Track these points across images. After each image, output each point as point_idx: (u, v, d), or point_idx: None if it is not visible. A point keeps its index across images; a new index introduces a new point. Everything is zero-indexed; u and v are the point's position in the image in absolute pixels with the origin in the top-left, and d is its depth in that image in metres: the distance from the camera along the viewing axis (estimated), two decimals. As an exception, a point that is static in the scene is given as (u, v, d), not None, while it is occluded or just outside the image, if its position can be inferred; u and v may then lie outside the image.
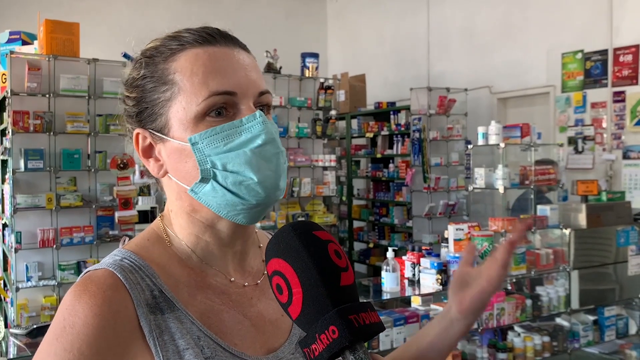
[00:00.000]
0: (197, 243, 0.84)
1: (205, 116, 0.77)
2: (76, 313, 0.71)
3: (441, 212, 6.44)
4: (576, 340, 3.77)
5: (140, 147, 0.84)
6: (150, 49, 0.83)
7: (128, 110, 0.85)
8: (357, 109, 7.80)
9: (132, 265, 0.78)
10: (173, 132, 0.79)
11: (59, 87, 4.18)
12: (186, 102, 0.78)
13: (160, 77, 0.80)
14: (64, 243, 4.20)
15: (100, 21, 7.51)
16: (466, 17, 7.28)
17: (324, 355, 0.63)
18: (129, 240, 0.89)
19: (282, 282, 0.67)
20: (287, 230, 0.68)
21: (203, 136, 0.77)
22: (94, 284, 0.74)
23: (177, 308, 0.77)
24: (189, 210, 0.83)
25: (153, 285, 0.77)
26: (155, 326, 0.74)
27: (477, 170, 3.96)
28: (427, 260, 3.26)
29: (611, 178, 5.70)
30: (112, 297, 0.73)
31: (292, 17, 9.32)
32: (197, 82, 0.77)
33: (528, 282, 3.90)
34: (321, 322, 0.64)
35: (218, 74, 0.78)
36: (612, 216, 4.01)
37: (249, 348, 0.81)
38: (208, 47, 0.80)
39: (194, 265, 0.83)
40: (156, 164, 0.83)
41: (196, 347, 0.75)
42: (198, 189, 0.79)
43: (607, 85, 5.79)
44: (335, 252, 0.67)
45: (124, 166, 4.34)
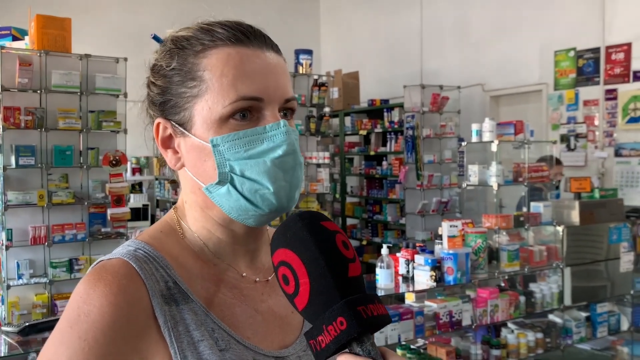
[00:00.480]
0: (210, 238, 0.83)
1: (229, 118, 0.77)
2: (91, 301, 0.70)
3: (434, 209, 6.45)
4: (569, 336, 3.79)
5: (160, 136, 0.82)
6: (181, 38, 0.81)
7: (152, 97, 0.83)
8: (350, 106, 7.80)
9: (147, 255, 0.77)
10: (195, 129, 0.78)
11: (51, 82, 4.14)
12: (212, 102, 0.77)
13: (189, 72, 0.79)
14: (56, 240, 4.17)
15: (91, 17, 7.45)
16: (459, 14, 7.29)
17: (330, 347, 0.62)
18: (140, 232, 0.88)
19: (289, 272, 0.66)
20: (294, 220, 0.67)
21: (225, 139, 0.76)
22: (109, 272, 0.73)
23: (191, 300, 0.77)
24: (202, 206, 0.82)
25: (167, 277, 0.77)
26: (170, 317, 0.74)
27: (471, 168, 3.97)
28: (421, 257, 3.26)
29: (603, 175, 5.73)
30: (128, 287, 0.72)
31: (285, 13, 9.29)
32: (226, 84, 0.77)
33: (521, 278, 3.92)
34: (329, 313, 0.63)
35: (248, 77, 0.77)
36: (604, 213, 4.03)
37: (262, 342, 0.81)
38: (240, 48, 0.78)
39: (207, 258, 0.83)
40: (174, 156, 0.82)
41: (211, 339, 0.75)
42: (213, 189, 0.79)
43: (599, 83, 5.82)
44: (342, 243, 0.67)
45: (116, 163, 4.32)
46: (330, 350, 0.63)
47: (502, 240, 3.68)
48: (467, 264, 3.25)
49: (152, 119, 0.84)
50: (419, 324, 3.14)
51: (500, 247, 3.60)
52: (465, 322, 3.31)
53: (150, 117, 0.85)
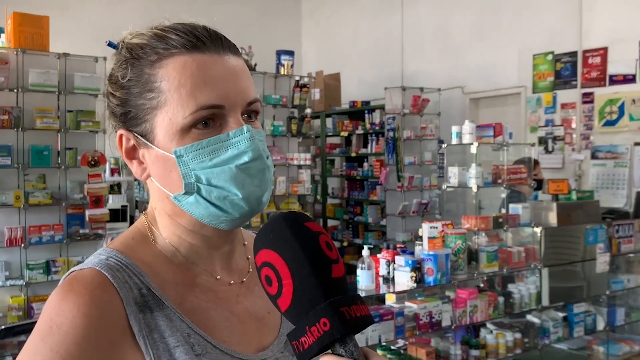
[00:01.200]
0: (181, 243, 0.83)
1: (191, 128, 0.76)
2: (63, 313, 0.70)
3: (414, 210, 6.49)
4: (546, 336, 3.84)
5: (123, 147, 0.82)
6: (136, 46, 0.79)
7: (112, 108, 0.82)
8: (331, 107, 7.81)
9: (119, 263, 0.77)
10: (158, 141, 0.77)
11: (28, 81, 4.08)
12: (172, 113, 0.76)
13: (146, 83, 0.77)
14: (33, 242, 4.10)
15: (70, 16, 7.35)
16: (440, 18, 7.35)
17: (314, 348, 0.62)
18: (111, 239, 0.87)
19: (272, 273, 0.65)
20: (277, 221, 0.67)
21: (189, 150, 0.76)
22: (80, 283, 0.72)
23: (165, 306, 0.76)
24: (171, 214, 0.82)
25: (141, 284, 0.76)
26: (145, 325, 0.73)
27: (451, 169, 4.00)
28: (401, 258, 3.28)
29: (580, 177, 5.83)
30: (100, 297, 0.71)
31: (266, 14, 9.27)
32: (184, 94, 0.75)
33: (500, 279, 3.96)
34: (312, 314, 0.62)
35: (207, 85, 0.76)
36: (581, 215, 4.10)
37: (238, 345, 0.80)
38: (197, 55, 0.77)
39: (180, 263, 0.82)
40: (140, 167, 0.81)
41: (186, 345, 0.74)
42: (182, 199, 0.78)
43: (576, 87, 5.92)
44: (326, 244, 0.66)
45: (95, 163, 4.26)
46: (313, 351, 0.62)
47: (481, 241, 3.72)
48: (447, 265, 3.28)
49: (115, 129, 0.83)
50: (399, 324, 3.16)
51: (480, 248, 3.64)
52: (445, 322, 3.33)
53: (113, 128, 0.83)
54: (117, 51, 0.82)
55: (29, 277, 4.07)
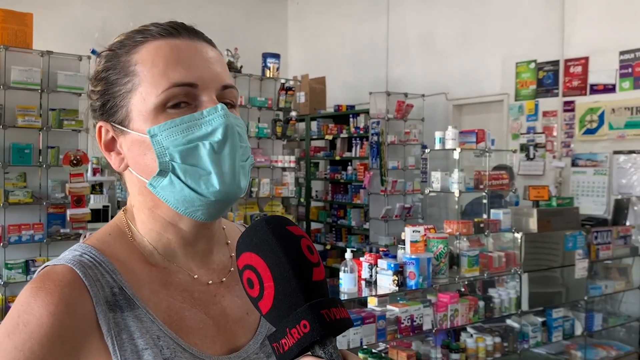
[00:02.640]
0: (159, 240, 0.82)
1: (165, 108, 0.76)
2: (31, 311, 0.69)
3: (397, 214, 6.53)
4: (525, 341, 3.88)
5: (102, 140, 0.82)
6: (116, 43, 0.82)
7: (92, 104, 0.84)
8: (316, 111, 7.83)
9: (92, 261, 0.76)
10: (133, 124, 0.78)
11: (10, 79, 4.03)
12: (146, 93, 0.77)
13: (122, 69, 0.79)
14: (12, 241, 4.05)
15: (54, 14, 7.27)
16: (425, 24, 7.41)
17: (293, 350, 0.63)
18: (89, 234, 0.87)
19: (254, 276, 0.66)
20: (260, 225, 0.68)
21: (162, 128, 0.76)
22: (51, 280, 0.72)
23: (137, 306, 0.75)
24: (150, 206, 0.81)
25: (113, 282, 0.76)
26: (114, 324, 0.73)
27: (434, 174, 4.04)
28: (384, 261, 3.30)
29: (560, 184, 5.91)
30: (70, 295, 0.71)
31: (252, 16, 9.27)
32: (157, 73, 0.76)
33: (481, 284, 4.00)
34: (293, 316, 0.63)
35: (178, 65, 0.77)
36: (561, 221, 4.15)
37: (210, 348, 0.80)
38: (170, 40, 0.79)
39: (156, 262, 0.82)
40: (117, 157, 0.82)
41: (155, 347, 0.74)
42: (156, 183, 0.77)
43: (558, 95, 6.01)
44: (307, 248, 0.67)
45: (77, 162, 4.22)
46: (293, 353, 0.63)
47: (462, 246, 3.75)
48: (428, 269, 3.30)
49: (94, 125, 0.84)
50: (380, 328, 3.18)
51: (461, 252, 3.67)
52: (426, 326, 3.36)
53: (94, 126, 0.84)
54: (99, 55, 0.84)
55: (7, 276, 4.02)
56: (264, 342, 0.85)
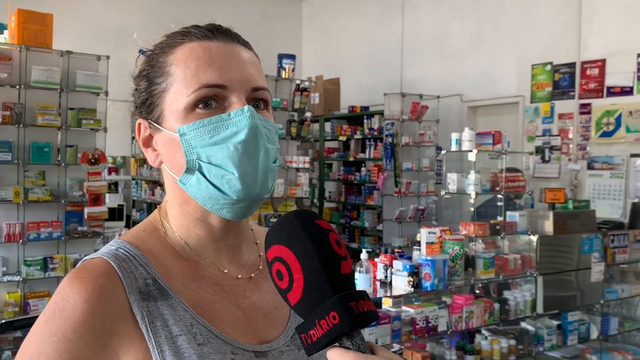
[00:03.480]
0: (190, 235, 0.85)
1: (195, 108, 0.79)
2: (67, 298, 0.73)
3: (411, 216, 6.52)
4: (540, 344, 3.86)
5: (141, 136, 0.86)
6: (157, 44, 0.86)
7: (134, 102, 0.88)
8: (330, 112, 7.84)
9: (127, 254, 0.80)
10: (166, 123, 0.82)
11: (30, 78, 4.09)
12: (178, 93, 0.80)
13: (158, 69, 0.83)
14: (31, 238, 4.10)
15: (73, 13, 7.36)
16: (440, 25, 7.40)
17: (322, 341, 0.64)
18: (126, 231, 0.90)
19: (283, 268, 0.67)
20: (289, 218, 0.69)
21: (191, 127, 0.78)
22: (87, 271, 0.76)
23: (170, 296, 0.79)
24: (181, 202, 0.84)
25: (147, 274, 0.79)
26: (148, 312, 0.76)
27: (450, 176, 4.03)
28: (399, 262, 3.30)
29: (576, 187, 5.87)
30: (104, 284, 0.75)
31: (267, 18, 9.31)
32: (189, 74, 0.79)
33: (496, 286, 3.98)
34: (322, 308, 0.64)
35: (209, 67, 0.79)
36: (577, 224, 4.13)
37: (241, 338, 0.82)
38: (205, 42, 0.82)
39: (188, 256, 0.85)
40: (153, 154, 0.85)
41: (189, 334, 0.76)
42: (185, 180, 0.81)
43: (574, 97, 5.97)
44: (335, 241, 0.69)
45: (95, 161, 4.27)
46: (322, 344, 0.64)
47: (478, 248, 3.74)
48: (444, 270, 3.30)
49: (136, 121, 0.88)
50: (395, 328, 3.18)
51: (477, 254, 3.66)
52: (440, 327, 3.35)
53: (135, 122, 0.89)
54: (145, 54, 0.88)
55: (26, 273, 4.07)
56: (294, 335, 0.87)
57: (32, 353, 0.72)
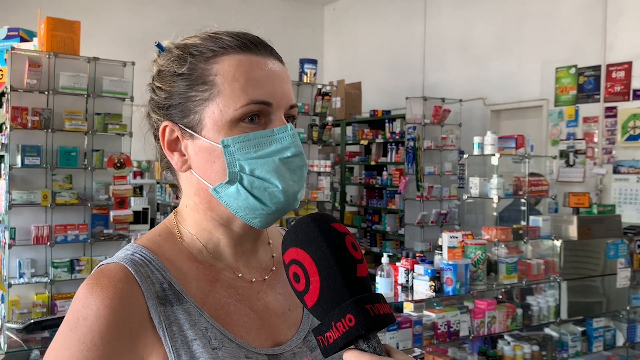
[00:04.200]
0: (210, 239, 0.87)
1: (239, 121, 0.81)
2: (89, 305, 0.74)
3: (433, 220, 6.49)
4: (564, 350, 3.81)
5: (166, 139, 0.85)
6: (190, 45, 0.85)
7: (158, 101, 0.86)
8: (352, 116, 7.86)
9: (143, 259, 0.81)
10: (205, 132, 0.82)
11: (59, 84, 4.19)
12: (224, 105, 0.80)
13: (199, 76, 0.82)
14: (58, 240, 4.19)
15: (99, 21, 7.51)
16: (462, 28, 7.37)
17: (338, 343, 0.65)
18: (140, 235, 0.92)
19: (300, 270, 0.69)
20: (306, 221, 0.71)
21: (236, 140, 0.80)
22: (106, 277, 0.77)
23: (185, 300, 0.80)
24: (205, 208, 0.86)
25: (163, 279, 0.80)
26: (165, 317, 0.77)
27: (472, 180, 4.01)
28: (421, 267, 3.29)
29: (601, 192, 5.78)
30: (124, 290, 0.76)
31: (289, 22, 9.37)
32: (237, 88, 0.80)
33: (519, 291, 3.95)
34: (338, 310, 0.66)
35: (257, 83, 0.81)
36: (602, 229, 4.07)
37: (255, 340, 0.83)
38: (249, 55, 0.83)
39: (204, 259, 0.86)
40: (181, 158, 0.85)
41: (204, 338, 0.78)
42: (221, 190, 0.82)
43: (599, 101, 5.89)
44: (352, 244, 0.70)
45: (120, 165, 4.35)
46: (338, 346, 0.65)
47: (501, 252, 3.72)
48: (466, 275, 3.29)
49: (156, 123, 0.86)
50: (417, 333, 3.17)
51: (499, 259, 3.64)
52: (462, 332, 3.34)
53: (154, 122, 0.87)
54: (167, 51, 0.87)
55: (53, 274, 4.16)
56: (306, 336, 0.89)
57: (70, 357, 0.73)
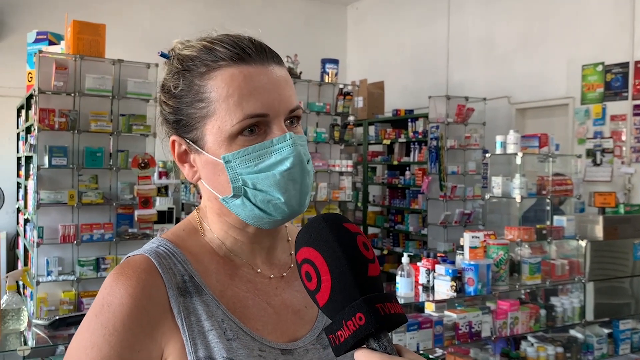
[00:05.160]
0: (226, 238, 0.90)
1: (238, 135, 0.82)
2: (114, 293, 0.79)
3: (457, 220, 6.44)
4: (590, 352, 3.75)
5: (176, 152, 0.88)
6: (186, 58, 0.85)
7: (165, 115, 0.89)
8: (374, 115, 7.84)
9: (167, 252, 0.85)
10: (208, 147, 0.84)
11: (85, 86, 4.27)
12: (221, 121, 0.82)
13: (196, 93, 0.83)
14: (84, 239, 4.28)
15: (124, 23, 7.64)
16: (486, 26, 7.29)
17: (349, 342, 0.66)
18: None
19: (312, 269, 0.70)
20: (318, 221, 0.72)
21: (236, 156, 0.82)
22: (130, 267, 0.82)
23: (204, 292, 0.83)
24: (218, 212, 0.89)
25: (184, 271, 0.84)
26: (184, 308, 0.81)
27: (495, 179, 3.97)
28: (442, 267, 3.28)
29: (629, 191, 5.66)
30: (146, 280, 0.80)
31: (311, 23, 9.39)
32: (232, 104, 0.81)
33: (542, 292, 3.89)
34: (348, 309, 0.66)
35: (252, 96, 0.81)
36: (629, 229, 3.99)
37: (270, 334, 0.86)
38: (243, 67, 0.82)
39: (224, 255, 0.90)
40: (191, 170, 0.89)
41: (219, 329, 0.81)
42: (229, 201, 0.85)
43: (627, 98, 5.76)
44: (363, 244, 0.70)
45: (144, 165, 4.42)
46: (349, 345, 0.66)
47: (524, 252, 3.67)
48: (488, 275, 3.26)
49: (167, 135, 0.90)
50: (437, 333, 3.16)
51: (522, 259, 3.59)
52: (484, 333, 3.31)
53: (166, 133, 0.90)
54: (169, 61, 0.89)
55: (80, 273, 4.25)
56: (320, 334, 0.90)
57: (86, 344, 0.78)
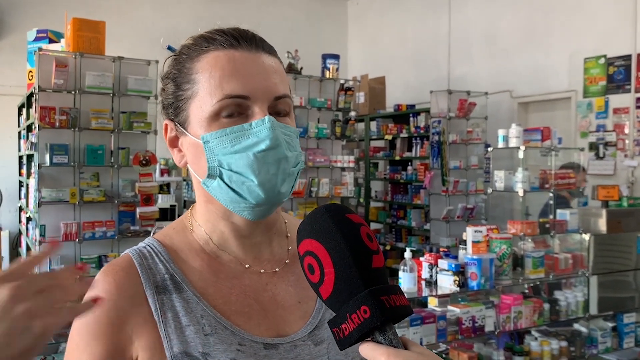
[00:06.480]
0: (214, 231, 0.90)
1: (219, 117, 0.82)
2: (96, 286, 0.84)
3: (459, 215, 6.42)
4: (594, 346, 3.74)
5: (168, 136, 0.90)
6: (184, 46, 0.88)
7: (162, 101, 0.92)
8: (376, 110, 7.81)
9: (151, 251, 0.89)
10: (191, 128, 0.85)
11: (85, 84, 4.26)
12: (203, 101, 0.83)
13: (185, 75, 0.86)
14: (86, 237, 4.27)
15: (124, 20, 7.62)
16: (488, 20, 7.25)
17: (354, 335, 0.64)
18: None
19: (314, 262, 0.68)
20: (320, 212, 0.70)
21: (214, 136, 0.82)
22: (112, 265, 0.87)
23: (185, 290, 0.85)
24: (205, 200, 0.89)
25: (165, 270, 0.87)
26: (161, 304, 0.83)
27: (497, 173, 3.95)
28: (444, 261, 3.26)
29: (633, 185, 5.64)
30: (123, 278, 0.84)
31: (312, 18, 9.36)
32: (213, 84, 0.82)
33: (546, 286, 3.88)
34: (353, 302, 0.64)
35: (233, 77, 0.82)
36: (633, 222, 3.97)
37: (254, 329, 0.85)
38: (229, 51, 0.83)
39: (210, 251, 0.90)
40: (179, 154, 0.90)
41: (197, 325, 0.82)
42: (208, 183, 0.85)
43: (630, 91, 5.73)
44: (367, 235, 0.69)
45: (146, 163, 4.41)
46: (353, 338, 0.64)
47: (527, 247, 3.66)
48: (491, 269, 3.24)
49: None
50: (441, 328, 3.15)
51: (525, 253, 3.58)
52: (488, 328, 3.30)
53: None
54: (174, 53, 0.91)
55: (82, 271, 4.24)
56: (314, 330, 0.88)
57: (73, 332, 0.83)
